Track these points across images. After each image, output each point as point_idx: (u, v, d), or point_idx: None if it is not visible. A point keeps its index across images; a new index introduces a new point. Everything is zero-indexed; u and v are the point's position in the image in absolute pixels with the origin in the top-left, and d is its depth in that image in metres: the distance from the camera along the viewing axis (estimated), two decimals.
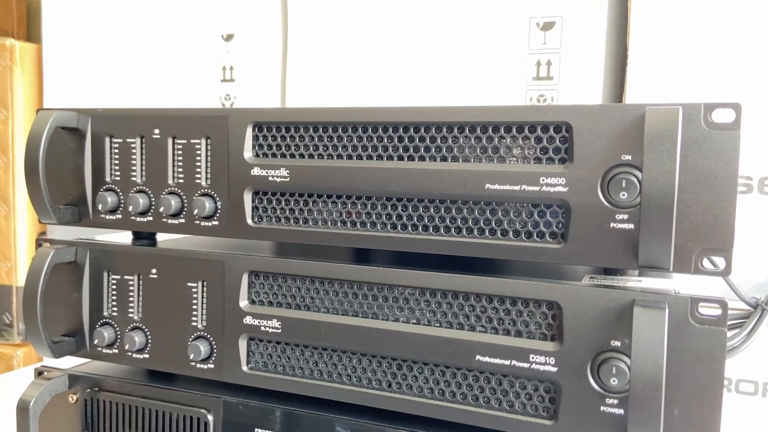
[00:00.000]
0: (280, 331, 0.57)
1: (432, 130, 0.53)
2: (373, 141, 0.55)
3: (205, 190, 0.60)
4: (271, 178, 0.57)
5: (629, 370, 0.46)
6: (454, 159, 0.52)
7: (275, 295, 0.59)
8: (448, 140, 0.53)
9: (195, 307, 0.61)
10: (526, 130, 0.50)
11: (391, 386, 0.55)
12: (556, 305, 0.49)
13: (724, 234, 0.45)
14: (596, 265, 0.51)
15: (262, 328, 0.58)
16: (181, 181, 0.61)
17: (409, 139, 0.54)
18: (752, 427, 0.78)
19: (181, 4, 1.11)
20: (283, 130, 0.58)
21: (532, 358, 0.50)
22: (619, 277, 0.54)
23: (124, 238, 0.69)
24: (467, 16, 0.91)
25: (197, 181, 0.60)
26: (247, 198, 0.59)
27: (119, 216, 0.64)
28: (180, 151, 0.61)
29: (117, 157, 0.64)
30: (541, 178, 0.49)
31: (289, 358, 0.58)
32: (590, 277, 0.53)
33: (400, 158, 0.54)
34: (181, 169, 0.61)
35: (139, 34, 1.14)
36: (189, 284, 0.61)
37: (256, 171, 0.58)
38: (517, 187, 0.50)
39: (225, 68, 1.08)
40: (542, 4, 0.87)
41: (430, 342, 0.53)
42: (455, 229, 0.53)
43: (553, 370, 0.49)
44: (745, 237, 0.77)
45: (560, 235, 0.50)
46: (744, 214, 0.76)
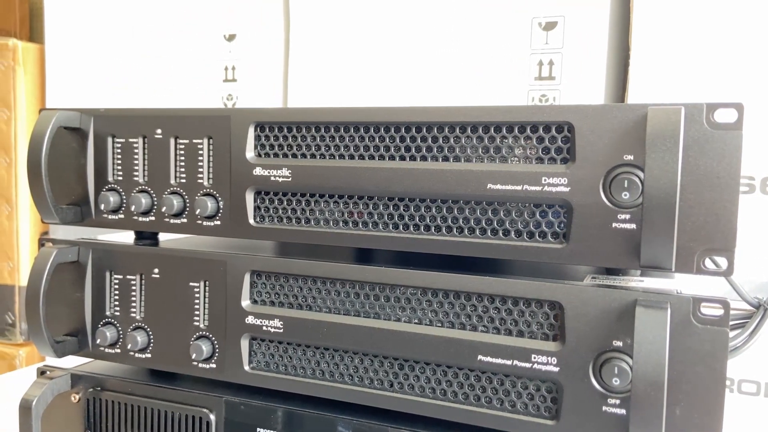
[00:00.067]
0: (282, 330, 0.58)
1: (434, 130, 0.53)
2: (375, 141, 0.55)
3: (207, 190, 0.60)
4: (273, 178, 0.58)
5: (631, 370, 0.46)
6: (456, 159, 0.52)
7: (277, 295, 0.59)
8: (450, 140, 0.53)
9: (197, 306, 0.61)
10: (528, 130, 0.50)
11: (393, 386, 0.55)
12: (558, 305, 0.49)
13: (727, 234, 0.45)
14: (598, 265, 0.51)
15: (264, 328, 0.58)
16: (184, 181, 0.61)
17: (411, 139, 0.54)
18: (754, 427, 0.78)
19: (183, 5, 1.11)
20: (285, 130, 0.58)
21: (534, 358, 0.50)
22: (621, 277, 0.54)
23: (127, 237, 0.69)
24: (469, 16, 0.91)
25: (199, 181, 0.60)
26: (249, 198, 0.59)
27: (121, 216, 0.64)
28: (182, 151, 0.61)
29: (119, 157, 0.64)
30: (543, 178, 0.49)
31: (291, 358, 0.58)
32: (592, 277, 0.53)
33: (402, 158, 0.54)
34: (183, 169, 0.61)
35: (141, 34, 1.15)
36: (191, 284, 0.61)
37: (258, 171, 0.58)
38: (519, 187, 0.50)
39: (227, 68, 1.09)
40: (544, 4, 0.87)
41: (432, 342, 0.53)
42: (457, 229, 0.53)
43: (555, 370, 0.49)
44: (748, 237, 0.76)
45: (562, 235, 0.50)
46: (746, 214, 0.76)
